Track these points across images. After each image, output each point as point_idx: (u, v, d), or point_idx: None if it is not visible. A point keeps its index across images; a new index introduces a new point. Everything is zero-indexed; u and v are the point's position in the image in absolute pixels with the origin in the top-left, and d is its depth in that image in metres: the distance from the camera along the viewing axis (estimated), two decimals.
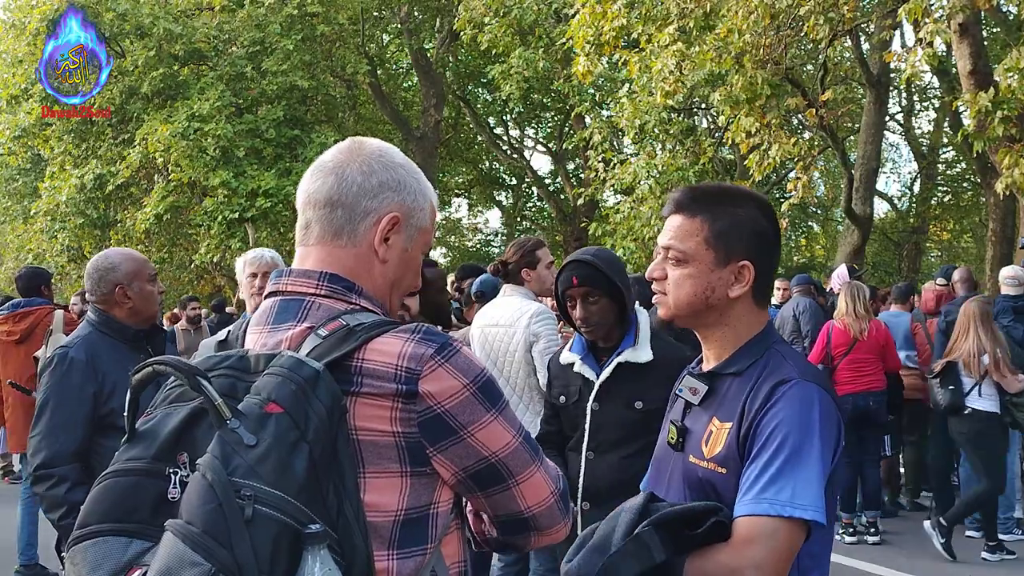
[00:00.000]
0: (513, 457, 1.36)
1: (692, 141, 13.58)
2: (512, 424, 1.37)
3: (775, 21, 9.00)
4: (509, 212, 28.17)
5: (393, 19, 19.57)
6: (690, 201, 1.73)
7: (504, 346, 4.15)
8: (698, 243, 1.70)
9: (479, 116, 22.13)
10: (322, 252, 1.41)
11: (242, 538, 1.12)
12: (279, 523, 1.13)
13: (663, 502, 1.61)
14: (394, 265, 1.44)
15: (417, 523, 1.30)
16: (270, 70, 15.73)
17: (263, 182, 15.07)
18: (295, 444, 1.18)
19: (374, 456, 1.27)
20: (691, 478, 1.69)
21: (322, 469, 1.20)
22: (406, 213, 1.44)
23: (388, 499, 1.28)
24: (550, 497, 1.41)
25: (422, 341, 1.31)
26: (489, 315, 4.27)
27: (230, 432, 1.17)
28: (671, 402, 1.90)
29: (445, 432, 1.30)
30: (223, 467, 1.15)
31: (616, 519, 1.58)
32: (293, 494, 1.15)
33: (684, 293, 1.71)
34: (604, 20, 9.60)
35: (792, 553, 1.53)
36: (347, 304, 1.38)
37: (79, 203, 16.64)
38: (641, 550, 1.49)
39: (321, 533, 1.15)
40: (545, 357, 4.00)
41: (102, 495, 1.24)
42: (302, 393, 1.20)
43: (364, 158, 1.43)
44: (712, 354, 1.77)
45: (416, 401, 1.28)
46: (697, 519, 1.53)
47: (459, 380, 1.31)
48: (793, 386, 1.60)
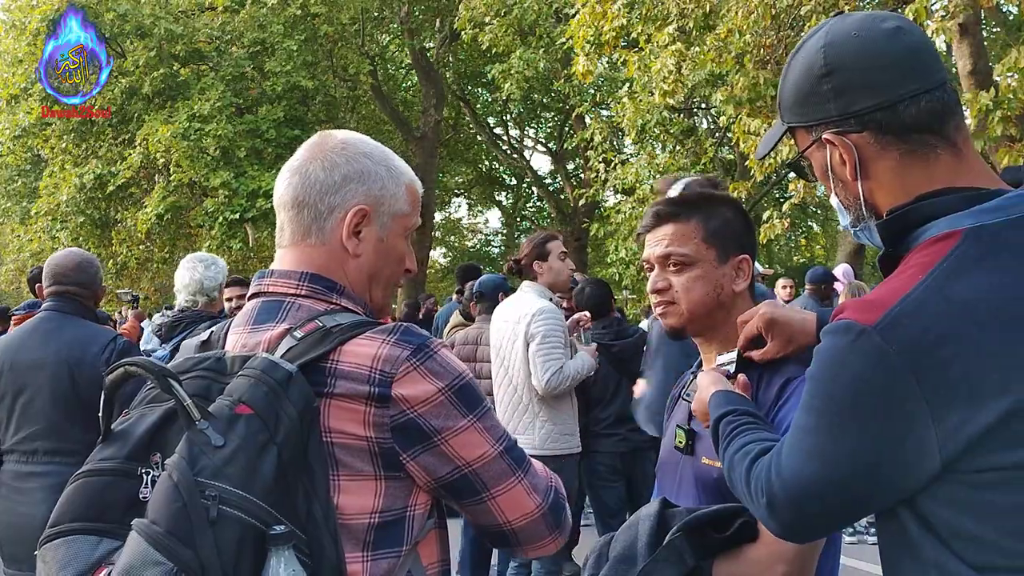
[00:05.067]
0: (488, 468, 1.32)
1: (693, 141, 13.59)
2: (491, 433, 1.33)
3: (775, 21, 8.99)
4: (509, 212, 28.17)
5: (394, 19, 19.57)
6: (678, 208, 1.76)
7: (509, 343, 4.19)
8: (698, 244, 1.72)
9: (479, 116, 22.13)
10: (296, 252, 1.41)
11: (206, 538, 1.12)
12: (244, 524, 1.14)
13: (678, 507, 1.61)
14: (369, 258, 1.42)
15: (392, 526, 1.29)
16: (273, 70, 15.74)
17: (264, 182, 15.06)
18: (264, 446, 1.18)
19: (347, 459, 1.26)
20: (705, 480, 1.69)
21: (292, 471, 1.20)
22: (375, 203, 1.41)
23: (362, 502, 1.26)
24: (535, 511, 1.36)
25: (398, 343, 1.29)
26: (502, 312, 4.31)
27: (199, 433, 1.17)
28: (671, 406, 1.91)
29: (418, 438, 1.27)
30: (189, 467, 1.15)
31: (635, 528, 1.58)
32: (259, 495, 1.16)
33: (697, 295, 1.72)
34: (604, 20, 9.60)
35: (820, 545, 1.55)
36: (328, 304, 1.37)
37: (79, 203, 16.64)
38: (674, 557, 1.50)
39: (286, 534, 1.15)
40: (539, 358, 4.02)
41: (74, 494, 1.25)
42: (273, 395, 1.21)
43: (326, 153, 1.41)
44: (713, 356, 1.77)
45: (389, 405, 1.26)
46: (724, 522, 1.54)
47: (434, 384, 1.28)
48: (803, 381, 1.61)
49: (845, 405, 1.15)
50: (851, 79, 1.24)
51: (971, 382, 1.08)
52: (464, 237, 30.96)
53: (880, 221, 1.26)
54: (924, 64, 1.24)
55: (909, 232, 1.22)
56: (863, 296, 1.19)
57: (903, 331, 1.10)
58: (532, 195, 26.68)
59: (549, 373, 4.01)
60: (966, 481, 1.10)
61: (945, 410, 1.08)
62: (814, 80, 1.27)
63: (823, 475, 1.17)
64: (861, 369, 1.12)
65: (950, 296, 1.11)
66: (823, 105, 1.27)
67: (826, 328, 1.19)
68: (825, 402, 1.17)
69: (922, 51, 1.24)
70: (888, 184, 1.25)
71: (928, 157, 1.22)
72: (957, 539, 1.12)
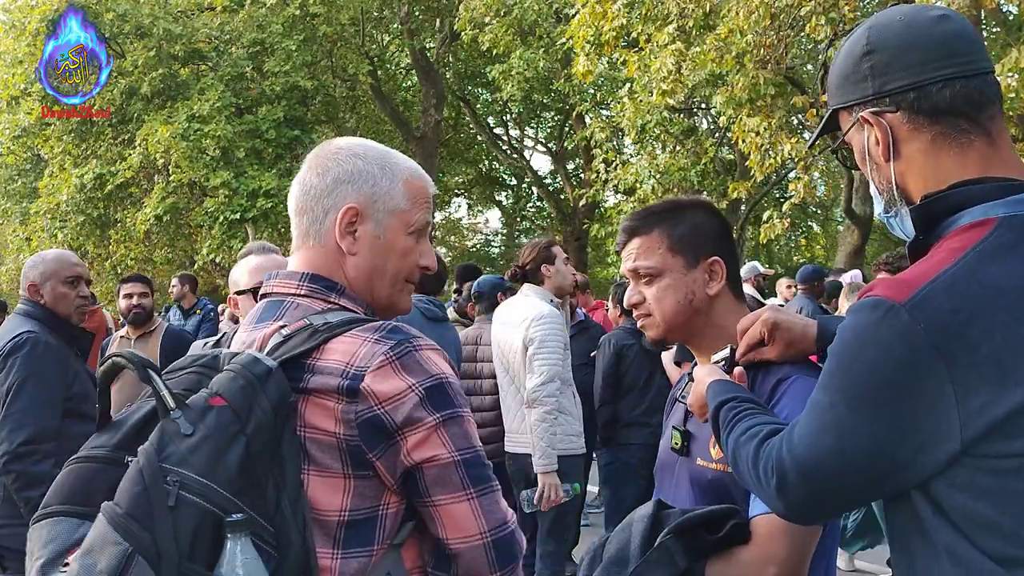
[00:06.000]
0: (436, 474, 1.28)
1: (693, 141, 13.58)
2: (453, 440, 1.29)
3: (776, 21, 8.99)
4: (509, 212, 28.16)
5: (394, 19, 19.58)
6: (642, 221, 1.78)
7: (510, 345, 4.22)
8: (662, 254, 1.74)
9: (479, 116, 22.12)
10: (300, 255, 1.46)
11: (164, 522, 1.17)
12: (203, 510, 1.18)
13: (673, 509, 1.62)
14: (366, 255, 1.43)
15: (363, 524, 1.29)
16: (272, 71, 15.74)
17: (264, 183, 15.07)
18: (233, 436, 1.21)
19: (319, 455, 1.28)
20: (700, 481, 1.69)
21: (261, 463, 1.22)
22: (366, 201, 1.42)
23: (332, 498, 1.28)
24: (476, 538, 1.29)
25: (380, 340, 1.30)
26: (504, 314, 4.33)
27: (171, 422, 1.22)
28: (669, 407, 1.92)
29: (383, 435, 1.27)
30: (156, 454, 1.20)
31: (629, 529, 1.58)
32: (221, 484, 1.19)
33: (668, 304, 1.74)
34: (604, 20, 9.60)
35: (812, 547, 1.55)
36: (326, 303, 1.39)
37: (79, 202, 16.64)
38: (665, 558, 1.50)
39: (243, 521, 1.17)
40: (534, 362, 4.03)
41: (64, 478, 1.32)
42: (250, 388, 1.24)
43: (321, 160, 1.46)
44: (705, 358, 1.77)
45: (357, 400, 1.27)
46: (716, 523, 1.53)
47: (405, 380, 1.28)
48: (794, 382, 1.62)
49: (867, 380, 1.13)
50: (889, 58, 1.25)
51: (999, 365, 1.07)
52: (464, 237, 30.94)
53: (913, 206, 1.26)
54: (963, 51, 1.24)
55: (942, 219, 1.21)
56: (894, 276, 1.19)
57: (933, 310, 1.10)
58: (532, 195, 26.66)
59: (539, 378, 4.02)
60: (986, 467, 1.09)
61: (969, 391, 1.08)
62: (855, 60, 1.29)
63: (838, 448, 1.15)
64: (888, 345, 1.11)
65: (983, 280, 1.10)
66: (861, 84, 1.28)
67: (853, 306, 1.18)
68: (846, 378, 1.16)
69: (963, 38, 1.25)
70: (920, 167, 1.25)
71: (961, 143, 1.22)
72: (972, 525, 1.11)
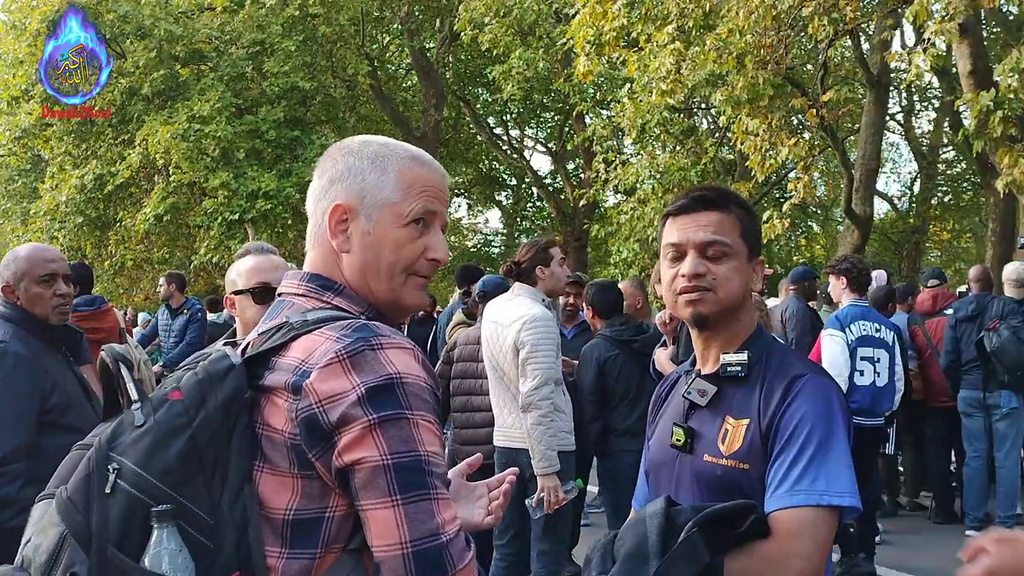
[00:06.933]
0: (365, 479, 1.22)
1: (693, 141, 13.57)
2: (387, 442, 1.22)
3: (776, 21, 8.99)
4: (509, 212, 28.15)
5: (393, 19, 19.58)
6: (722, 198, 1.77)
7: (500, 344, 4.21)
8: (736, 238, 1.74)
9: (479, 116, 22.12)
10: (308, 257, 1.48)
11: (99, 507, 1.20)
12: (134, 499, 1.21)
13: (682, 506, 1.62)
14: (358, 252, 1.41)
15: (307, 525, 1.27)
16: (272, 71, 15.74)
17: (263, 183, 15.06)
18: (177, 429, 1.24)
19: (271, 452, 1.28)
20: (707, 477, 1.69)
21: (208, 456, 1.24)
22: (354, 197, 1.40)
23: (280, 497, 1.28)
24: (395, 548, 1.21)
25: (340, 337, 1.28)
26: (494, 313, 4.32)
27: (130, 413, 1.28)
28: (662, 403, 1.91)
29: (320, 434, 1.24)
30: (108, 442, 1.25)
31: (643, 525, 1.58)
32: (155, 474, 1.22)
33: (735, 286, 1.73)
34: (604, 20, 9.59)
35: (831, 540, 1.56)
36: (319, 302, 1.40)
37: (79, 203, 16.64)
38: (691, 553, 1.50)
39: (169, 512, 1.19)
40: (527, 366, 4.03)
41: (66, 463, 1.35)
42: (207, 383, 1.27)
43: (322, 161, 1.48)
44: (713, 354, 1.77)
45: (300, 396, 1.25)
46: (735, 518, 1.54)
47: (351, 380, 1.24)
48: (808, 380, 1.64)
49: None
50: None
51: None
52: (464, 237, 30.92)
53: None
54: None
55: None
56: None
57: None
58: (532, 195, 26.66)
59: (533, 382, 4.02)
60: None
61: None
62: None
63: None
64: None
65: None
66: None
67: None
68: None
69: None
70: None
71: None
72: None
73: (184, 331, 8.28)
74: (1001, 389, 6.46)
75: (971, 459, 6.72)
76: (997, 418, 6.54)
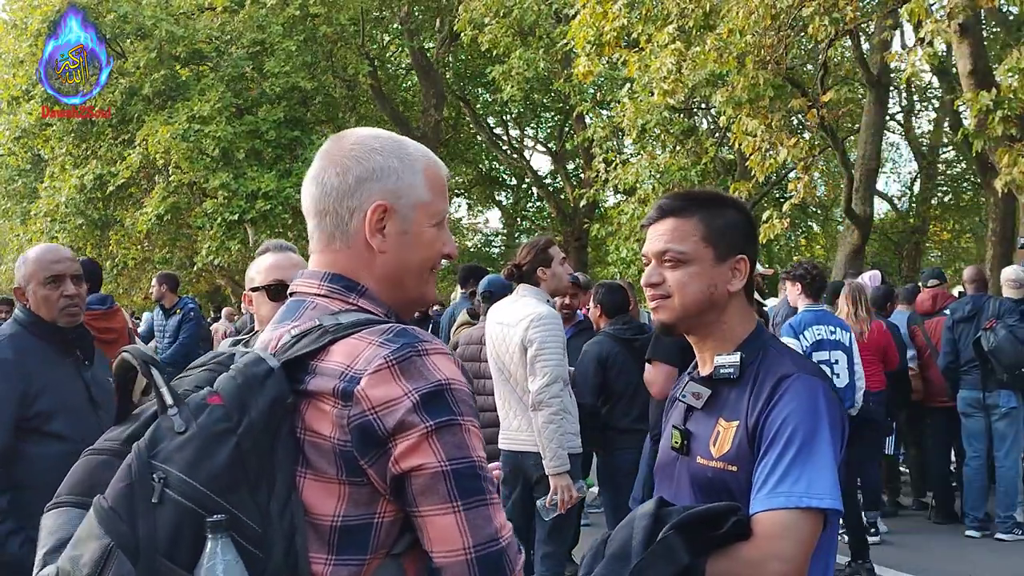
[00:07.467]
0: (424, 485, 1.23)
1: (693, 141, 13.58)
2: (444, 449, 1.23)
3: (776, 21, 8.99)
4: (509, 212, 28.16)
5: (393, 19, 19.58)
6: (682, 204, 1.77)
7: (506, 345, 4.21)
8: (696, 242, 1.72)
9: (479, 116, 22.12)
10: (323, 257, 1.43)
11: (147, 518, 1.16)
12: (183, 508, 1.16)
13: (673, 506, 1.62)
14: (395, 252, 1.40)
15: (357, 531, 1.26)
16: (272, 71, 15.74)
17: (263, 184, 15.05)
18: (221, 435, 1.20)
19: (315, 458, 1.26)
20: (700, 479, 1.70)
21: (252, 463, 1.20)
22: (393, 196, 1.39)
23: (326, 503, 1.25)
24: (459, 554, 1.22)
25: (384, 343, 1.27)
26: (499, 314, 4.33)
27: (167, 419, 1.22)
28: (669, 407, 1.92)
29: (374, 442, 1.23)
30: (147, 450, 1.20)
31: (631, 525, 1.58)
32: (203, 482, 1.17)
33: (691, 292, 1.72)
34: (605, 20, 9.59)
35: (813, 542, 1.55)
36: (344, 304, 1.37)
37: (79, 203, 16.64)
38: (668, 553, 1.50)
39: (223, 522, 1.16)
40: (536, 364, 4.04)
41: (76, 469, 1.31)
42: (247, 388, 1.22)
43: (339, 158, 1.42)
44: (708, 356, 1.77)
45: (351, 403, 1.23)
46: (717, 519, 1.54)
47: (402, 387, 1.23)
48: (795, 380, 1.63)
49: None
50: None
51: None
52: (464, 237, 30.92)
53: None
54: None
55: None
56: None
57: None
58: (532, 195, 26.66)
59: (543, 380, 4.03)
60: None
61: None
62: None
63: None
64: None
65: None
66: None
67: None
68: None
69: None
70: None
71: None
72: None
73: (178, 330, 8.28)
74: (1000, 389, 6.48)
75: (971, 459, 6.73)
76: (996, 418, 6.55)
